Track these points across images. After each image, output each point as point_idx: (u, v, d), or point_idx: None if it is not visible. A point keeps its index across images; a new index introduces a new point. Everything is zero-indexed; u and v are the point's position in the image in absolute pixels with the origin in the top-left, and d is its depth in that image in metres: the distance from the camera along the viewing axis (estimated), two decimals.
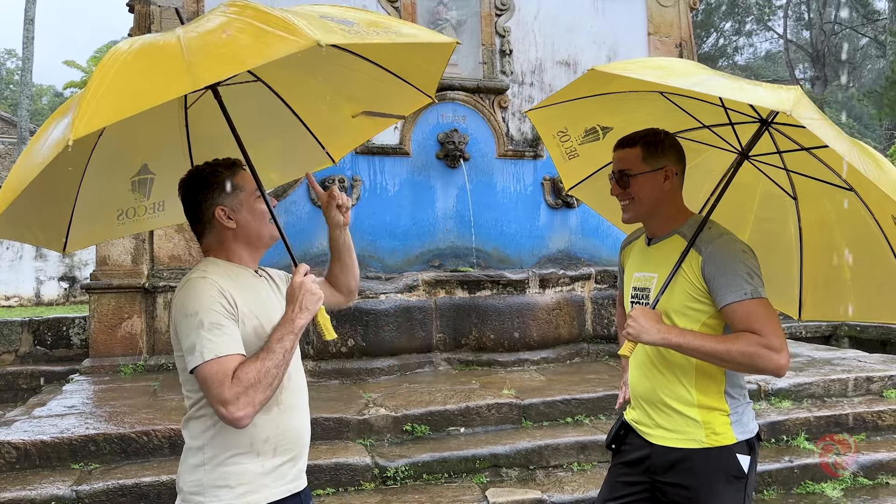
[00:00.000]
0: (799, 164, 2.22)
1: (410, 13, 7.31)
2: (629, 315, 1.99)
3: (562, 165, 2.56)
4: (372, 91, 2.20)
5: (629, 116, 2.27)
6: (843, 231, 2.21)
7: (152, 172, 2.13)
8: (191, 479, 1.82)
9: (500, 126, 7.48)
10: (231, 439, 1.79)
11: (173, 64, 1.43)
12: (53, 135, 1.60)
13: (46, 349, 7.44)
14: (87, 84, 1.41)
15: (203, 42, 1.48)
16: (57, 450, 3.98)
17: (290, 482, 1.89)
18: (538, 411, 4.73)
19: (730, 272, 1.95)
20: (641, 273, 2.19)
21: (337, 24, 1.61)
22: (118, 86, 1.40)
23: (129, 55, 1.49)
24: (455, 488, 3.98)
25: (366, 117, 2.34)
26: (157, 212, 2.23)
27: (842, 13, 32.04)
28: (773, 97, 1.66)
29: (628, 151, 2.12)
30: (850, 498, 4.21)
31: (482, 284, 6.15)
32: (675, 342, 1.93)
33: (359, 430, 4.40)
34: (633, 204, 2.13)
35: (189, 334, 1.72)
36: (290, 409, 1.90)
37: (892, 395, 5.28)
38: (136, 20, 6.68)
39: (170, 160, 2.16)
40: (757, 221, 2.42)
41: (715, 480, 2.00)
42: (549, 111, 2.36)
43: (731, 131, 2.19)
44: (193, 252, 6.57)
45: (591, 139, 2.41)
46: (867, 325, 9.28)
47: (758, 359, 1.87)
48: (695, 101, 2.14)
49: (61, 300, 15.28)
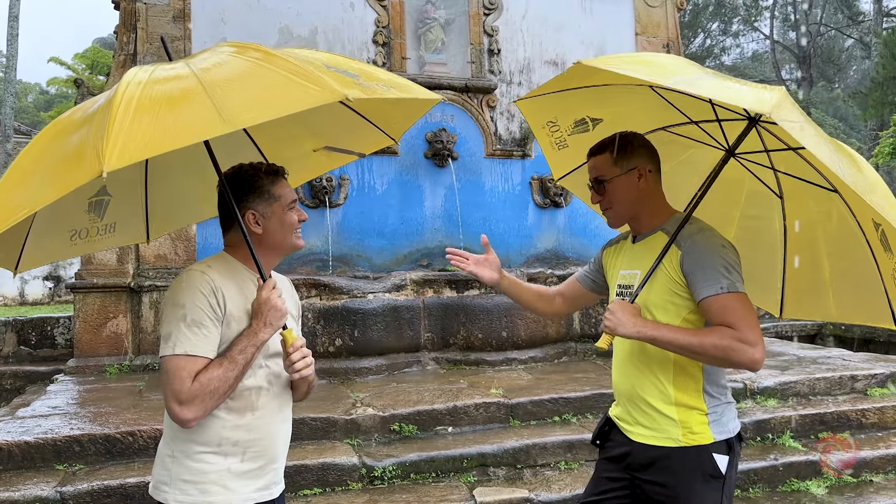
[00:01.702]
0: (785, 164, 2.22)
1: (399, 12, 7.30)
2: (608, 308, 2.02)
3: (551, 155, 2.55)
4: (339, 129, 2.24)
5: (619, 109, 2.27)
6: (826, 232, 2.21)
7: (109, 194, 2.11)
8: (161, 469, 1.86)
9: (488, 125, 7.48)
10: (199, 436, 1.82)
11: (200, 105, 1.44)
12: (61, 155, 1.57)
13: (31, 349, 7.37)
14: (111, 115, 1.40)
15: (229, 85, 1.50)
16: (41, 451, 3.93)
17: (259, 490, 1.88)
18: (526, 410, 4.74)
19: (707, 266, 1.96)
20: (627, 271, 2.20)
21: (345, 75, 1.64)
22: (146, 121, 1.41)
23: (148, 88, 1.50)
24: (443, 488, 3.98)
25: (326, 152, 2.35)
26: (107, 233, 2.20)
27: (827, 14, 32.30)
28: (754, 97, 1.66)
29: (599, 158, 2.16)
30: (834, 495, 4.24)
31: (470, 284, 6.15)
32: (650, 335, 1.95)
33: (346, 429, 4.38)
34: (613, 209, 2.18)
35: (170, 322, 1.78)
36: (266, 416, 1.90)
37: (876, 393, 5.33)
38: (122, 17, 6.63)
39: (126, 184, 2.13)
40: (743, 219, 2.43)
41: (692, 479, 2.01)
42: (538, 102, 2.35)
43: (719, 128, 2.19)
44: (179, 252, 6.53)
45: (580, 130, 2.40)
46: (852, 325, 9.37)
47: (731, 352, 1.88)
48: (684, 96, 2.14)
49: (46, 300, 15.15)
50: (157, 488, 1.86)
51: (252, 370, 1.85)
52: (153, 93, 1.49)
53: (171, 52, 1.91)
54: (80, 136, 1.54)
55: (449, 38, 7.55)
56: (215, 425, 1.82)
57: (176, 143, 1.39)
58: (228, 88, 1.49)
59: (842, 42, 34.87)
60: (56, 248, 2.14)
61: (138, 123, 1.40)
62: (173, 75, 1.56)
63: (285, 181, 1.95)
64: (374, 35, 7.21)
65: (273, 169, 1.94)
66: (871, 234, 2.02)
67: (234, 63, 1.60)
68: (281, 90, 1.51)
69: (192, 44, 6.60)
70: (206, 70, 1.55)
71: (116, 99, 1.45)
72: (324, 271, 6.65)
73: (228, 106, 1.43)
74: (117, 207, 2.16)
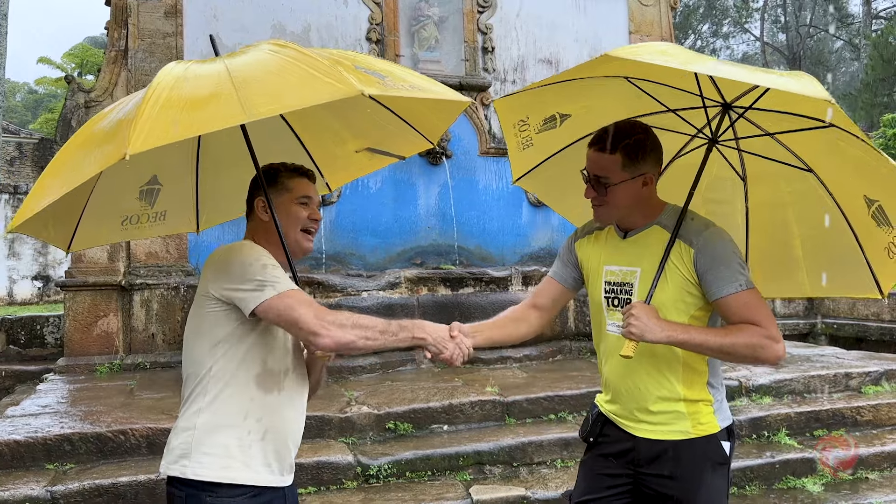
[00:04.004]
0: (757, 147, 2.21)
1: (392, 9, 7.27)
2: (629, 313, 1.90)
3: (515, 156, 2.45)
4: (380, 131, 2.30)
5: (590, 103, 2.21)
6: (798, 212, 2.24)
7: (160, 183, 2.25)
8: (179, 443, 1.85)
9: (482, 124, 7.46)
10: (226, 408, 1.84)
11: (227, 98, 1.53)
12: (104, 137, 1.69)
13: (20, 348, 7.29)
14: (143, 103, 1.53)
15: (255, 80, 1.59)
16: (31, 449, 3.88)
17: (274, 474, 1.89)
18: (521, 408, 4.72)
19: (723, 264, 1.93)
20: (617, 267, 2.11)
21: (371, 75, 1.70)
22: (171, 112, 1.52)
23: (180, 83, 1.61)
24: (439, 486, 3.95)
25: (368, 154, 2.41)
26: (158, 221, 2.33)
27: (816, 16, 32.51)
28: (813, 88, 1.62)
29: (607, 158, 2.00)
30: (830, 492, 4.24)
31: (465, 281, 6.13)
32: (681, 339, 1.89)
33: (341, 428, 4.35)
34: (607, 208, 2.06)
35: (254, 275, 1.78)
36: (288, 399, 1.93)
37: (871, 391, 5.33)
38: (113, 13, 6.56)
39: (177, 174, 2.27)
40: (705, 203, 2.38)
41: (701, 469, 2.00)
42: (513, 100, 2.31)
43: (703, 115, 2.14)
44: (171, 250, 6.47)
45: (548, 128, 2.33)
46: (844, 323, 9.41)
47: (760, 350, 1.87)
48: (661, 85, 2.10)
49: (35, 300, 15.00)
50: (176, 462, 1.84)
51: (280, 352, 1.91)
52: (184, 87, 1.59)
53: (217, 48, 1.97)
54: (115, 125, 1.67)
55: (443, 35, 7.52)
56: (243, 397, 1.85)
57: (198, 130, 1.53)
58: (254, 83, 1.58)
59: (831, 44, 35.09)
60: (107, 231, 2.30)
61: (164, 113, 1.51)
62: (205, 72, 1.65)
63: (307, 181, 2.01)
64: (368, 32, 7.18)
65: (295, 167, 2.01)
66: (853, 210, 2.06)
67: (267, 60, 1.68)
68: (300, 84, 1.58)
69: (185, 40, 6.55)
70: (238, 67, 1.64)
71: (148, 93, 1.56)
72: (317, 269, 6.61)
73: (250, 98, 1.51)
74: (168, 197, 2.29)
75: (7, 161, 20.30)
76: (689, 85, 2.04)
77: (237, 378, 1.84)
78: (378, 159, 2.47)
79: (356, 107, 2.12)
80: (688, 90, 2.07)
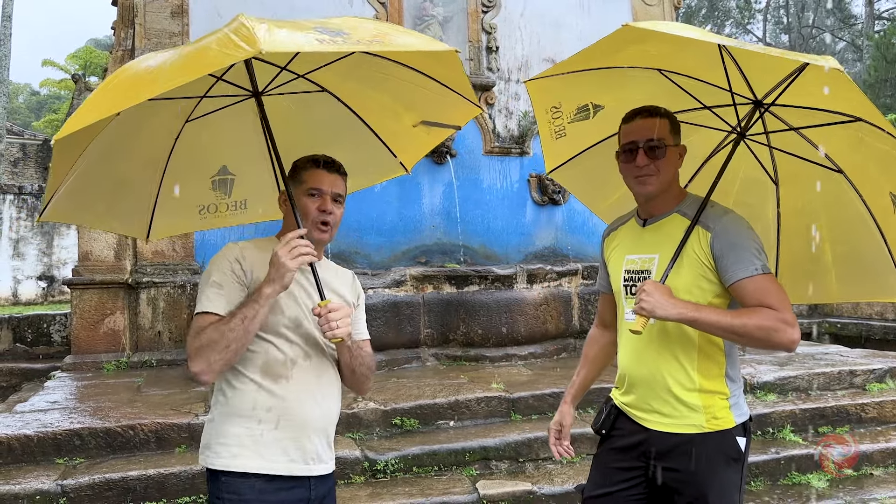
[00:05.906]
0: (787, 143, 2.22)
1: (397, 9, 7.30)
2: (642, 289, 1.90)
3: (549, 146, 2.48)
4: (425, 100, 2.30)
5: (624, 95, 2.21)
6: (830, 215, 2.21)
7: (232, 174, 2.35)
8: (205, 433, 1.97)
9: (486, 123, 7.48)
10: (236, 400, 1.91)
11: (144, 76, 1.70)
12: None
13: (27, 346, 7.33)
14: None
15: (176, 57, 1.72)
16: (41, 444, 3.90)
17: (293, 461, 1.91)
18: (527, 405, 4.73)
19: (740, 248, 1.93)
20: (637, 255, 2.11)
21: (326, 34, 1.69)
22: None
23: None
24: (445, 481, 3.97)
25: (425, 127, 2.44)
26: (238, 209, 2.44)
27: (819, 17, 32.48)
28: (833, 62, 1.64)
29: (658, 121, 2.00)
30: (835, 489, 4.25)
31: (470, 280, 6.14)
32: (692, 317, 1.87)
33: (348, 423, 4.37)
34: (657, 177, 2.02)
35: (202, 286, 1.92)
36: (298, 388, 1.93)
37: (875, 388, 5.35)
38: (120, 13, 6.61)
39: (250, 162, 2.32)
40: (737, 206, 2.41)
41: (715, 464, 1.98)
42: (548, 82, 2.29)
43: (734, 112, 2.15)
44: (178, 248, 6.50)
45: (581, 118, 2.35)
46: (847, 322, 9.42)
47: (774, 333, 1.85)
48: (693, 79, 2.12)
49: (39, 299, 15.05)
50: (202, 453, 1.95)
51: (282, 342, 1.92)
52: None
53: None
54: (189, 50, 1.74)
55: (447, 35, 7.54)
56: (251, 388, 1.90)
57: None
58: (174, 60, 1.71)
59: (833, 45, 35.07)
60: (185, 221, 2.43)
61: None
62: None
63: (323, 172, 1.99)
64: None
65: (314, 158, 2.02)
66: (881, 209, 2.02)
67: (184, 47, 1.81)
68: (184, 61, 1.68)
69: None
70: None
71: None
72: None
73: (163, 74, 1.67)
74: (244, 186, 2.39)
75: (11, 162, 20.38)
76: (719, 79, 2.04)
77: (244, 370, 1.90)
78: (435, 132, 2.49)
79: (403, 80, 2.17)
80: (718, 85, 2.07)
